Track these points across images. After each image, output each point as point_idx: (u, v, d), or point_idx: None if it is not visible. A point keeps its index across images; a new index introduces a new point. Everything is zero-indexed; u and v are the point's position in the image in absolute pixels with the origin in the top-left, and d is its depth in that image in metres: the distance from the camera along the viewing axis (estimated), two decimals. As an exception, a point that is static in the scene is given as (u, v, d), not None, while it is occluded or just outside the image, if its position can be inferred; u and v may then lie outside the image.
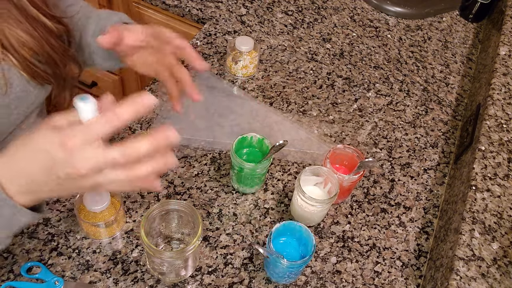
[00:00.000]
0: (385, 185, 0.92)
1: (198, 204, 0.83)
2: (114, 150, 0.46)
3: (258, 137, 0.83)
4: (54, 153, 0.45)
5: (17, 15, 0.60)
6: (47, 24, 0.63)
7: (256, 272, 0.77)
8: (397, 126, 1.02)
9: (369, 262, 0.81)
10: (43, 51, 0.64)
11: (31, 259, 0.73)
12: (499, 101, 0.92)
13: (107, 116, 0.45)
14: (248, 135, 0.83)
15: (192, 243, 0.66)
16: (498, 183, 0.79)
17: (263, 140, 0.83)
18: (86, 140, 0.45)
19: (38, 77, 0.65)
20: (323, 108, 1.02)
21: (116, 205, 0.76)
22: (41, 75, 0.65)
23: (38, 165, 0.47)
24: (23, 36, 0.61)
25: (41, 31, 0.63)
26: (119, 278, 0.73)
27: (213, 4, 1.20)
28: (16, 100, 0.65)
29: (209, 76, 1.04)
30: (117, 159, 0.46)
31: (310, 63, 1.11)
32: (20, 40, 0.61)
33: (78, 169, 0.45)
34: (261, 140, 0.83)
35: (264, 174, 0.85)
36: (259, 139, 0.84)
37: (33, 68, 0.64)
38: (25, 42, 0.61)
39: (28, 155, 0.47)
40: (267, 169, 0.84)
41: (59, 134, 0.45)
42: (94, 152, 0.45)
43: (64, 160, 0.45)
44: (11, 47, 0.60)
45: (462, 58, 1.20)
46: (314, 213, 0.79)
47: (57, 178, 0.47)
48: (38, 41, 0.62)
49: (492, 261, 0.70)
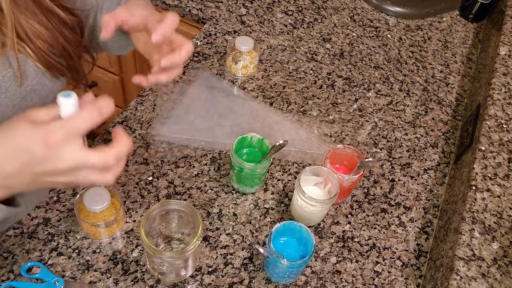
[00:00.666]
0: (385, 185, 0.92)
1: (198, 204, 0.83)
2: (94, 155, 0.46)
3: (258, 137, 0.83)
4: (34, 149, 0.45)
5: (33, 7, 0.60)
6: (61, 16, 0.64)
7: (256, 272, 0.77)
8: (397, 126, 1.02)
9: (369, 262, 0.81)
10: (57, 43, 0.64)
11: (31, 259, 0.73)
12: (499, 101, 0.92)
13: (87, 111, 0.45)
14: (248, 135, 0.83)
15: (192, 243, 0.66)
16: (498, 183, 0.79)
17: (263, 140, 0.83)
18: (67, 136, 0.45)
19: (53, 68, 0.66)
20: (323, 108, 1.02)
21: (116, 205, 0.76)
22: (56, 66, 0.66)
23: (17, 161, 0.46)
24: (38, 27, 0.61)
25: (55, 22, 0.63)
26: (119, 278, 0.73)
27: (213, 4, 1.20)
28: (32, 93, 0.66)
29: (209, 76, 1.04)
30: (96, 164, 0.46)
31: (310, 63, 1.11)
32: (35, 31, 0.61)
33: (58, 166, 0.45)
34: (261, 140, 0.83)
35: (264, 174, 0.84)
36: (259, 139, 0.83)
37: (48, 59, 0.64)
38: (40, 34, 0.61)
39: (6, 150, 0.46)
40: (267, 169, 0.84)
41: (40, 129, 0.44)
42: (75, 151, 0.45)
43: (44, 157, 0.45)
44: (27, 38, 0.61)
45: (462, 58, 1.20)
46: (314, 213, 0.79)
47: (33, 173, 0.46)
48: (52, 32, 0.63)
49: (492, 261, 0.70)
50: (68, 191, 0.82)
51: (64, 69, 0.68)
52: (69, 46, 0.66)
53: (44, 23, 0.62)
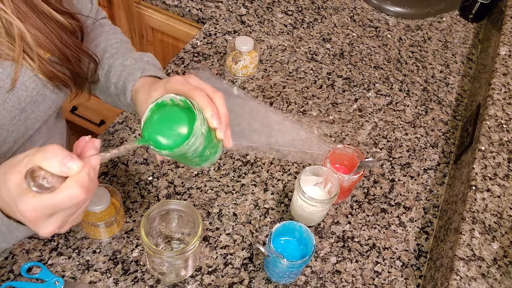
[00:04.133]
0: (385, 185, 0.92)
1: (198, 204, 0.83)
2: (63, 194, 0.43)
3: (180, 99, 0.54)
4: (18, 215, 0.45)
5: (29, 11, 0.58)
6: (59, 20, 0.62)
7: (256, 272, 0.77)
8: (397, 126, 1.02)
9: (369, 262, 0.81)
10: (55, 47, 0.62)
11: (31, 259, 0.73)
12: (499, 101, 0.92)
13: (73, 189, 0.43)
14: (166, 98, 0.55)
15: (192, 243, 0.66)
16: (498, 183, 0.79)
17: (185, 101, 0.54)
18: (46, 215, 0.44)
19: (55, 78, 0.64)
20: (323, 108, 1.02)
21: (116, 205, 0.76)
22: (58, 76, 0.64)
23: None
24: (34, 32, 0.59)
25: (53, 26, 0.61)
26: (119, 278, 0.73)
27: (213, 4, 1.20)
28: (32, 104, 0.64)
29: (209, 76, 1.04)
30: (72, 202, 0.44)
31: (310, 63, 1.11)
32: (35, 39, 0.59)
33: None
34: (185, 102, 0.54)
35: (210, 144, 0.56)
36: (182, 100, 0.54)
37: (50, 68, 0.62)
38: (38, 39, 0.59)
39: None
40: (208, 137, 0.56)
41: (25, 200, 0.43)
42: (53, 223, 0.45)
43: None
44: (27, 47, 0.59)
45: (462, 58, 1.20)
46: (314, 213, 0.79)
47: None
48: (50, 37, 0.60)
49: (492, 261, 0.70)
50: (68, 191, 0.82)
51: (67, 79, 0.65)
52: (68, 50, 0.64)
53: (40, 27, 0.60)
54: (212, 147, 0.57)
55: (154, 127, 0.53)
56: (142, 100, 0.64)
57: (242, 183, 0.87)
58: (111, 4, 1.38)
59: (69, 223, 0.48)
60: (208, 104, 0.55)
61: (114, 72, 0.72)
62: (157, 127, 0.53)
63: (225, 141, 0.59)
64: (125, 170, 0.86)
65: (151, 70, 0.71)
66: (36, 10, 0.59)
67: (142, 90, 0.66)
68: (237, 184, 0.87)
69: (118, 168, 0.86)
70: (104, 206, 0.72)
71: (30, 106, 0.64)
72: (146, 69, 0.70)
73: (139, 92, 0.66)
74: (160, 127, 0.53)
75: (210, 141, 0.56)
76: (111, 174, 0.85)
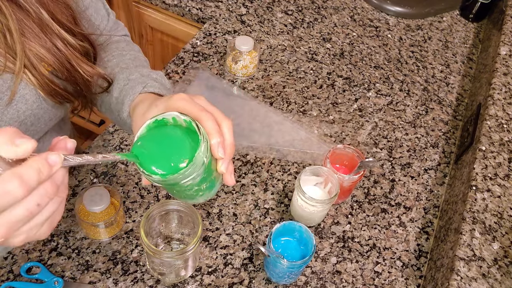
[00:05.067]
0: (386, 185, 0.92)
1: (198, 204, 0.83)
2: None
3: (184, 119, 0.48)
4: None
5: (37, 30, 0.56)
6: (69, 41, 0.59)
7: (256, 273, 0.77)
8: (398, 126, 1.02)
9: (369, 263, 0.81)
10: (63, 68, 0.59)
11: (31, 259, 0.73)
12: (500, 101, 0.92)
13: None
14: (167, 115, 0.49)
15: (192, 243, 0.66)
16: (499, 183, 0.79)
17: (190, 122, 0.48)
18: None
19: (56, 95, 0.61)
20: (323, 108, 1.02)
21: (115, 205, 0.76)
22: (60, 93, 0.61)
23: None
24: (43, 52, 0.56)
25: (62, 47, 0.58)
26: (119, 279, 0.73)
27: (213, 4, 1.20)
28: (32, 117, 0.62)
29: (209, 76, 1.04)
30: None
31: (310, 63, 1.11)
32: (39, 56, 0.56)
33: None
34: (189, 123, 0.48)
35: (209, 177, 0.50)
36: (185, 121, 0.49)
37: (52, 86, 0.59)
38: (44, 58, 0.57)
39: None
40: (209, 168, 0.49)
41: None
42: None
43: None
44: (29, 64, 0.56)
45: (462, 58, 1.20)
46: (314, 213, 0.79)
47: None
48: (58, 58, 0.58)
49: (493, 261, 0.70)
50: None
51: (69, 96, 0.63)
52: (77, 73, 0.60)
53: (49, 47, 0.57)
54: (209, 181, 0.50)
55: (147, 146, 0.47)
56: (139, 115, 0.59)
57: (242, 183, 0.87)
58: (110, 4, 1.38)
59: (24, 233, 0.38)
60: (215, 131, 0.49)
61: (117, 85, 0.67)
62: (151, 146, 0.46)
63: (226, 177, 0.52)
64: (125, 170, 0.86)
65: (155, 87, 0.64)
66: (44, 30, 0.57)
67: (141, 105, 0.60)
68: (237, 184, 0.87)
69: (118, 168, 0.86)
70: (103, 206, 0.72)
71: (29, 119, 0.62)
72: (150, 84, 0.64)
73: (138, 107, 0.60)
74: (154, 146, 0.46)
75: (210, 174, 0.49)
76: (111, 174, 0.85)
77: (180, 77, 1.03)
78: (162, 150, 0.47)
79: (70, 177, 0.84)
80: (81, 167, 0.85)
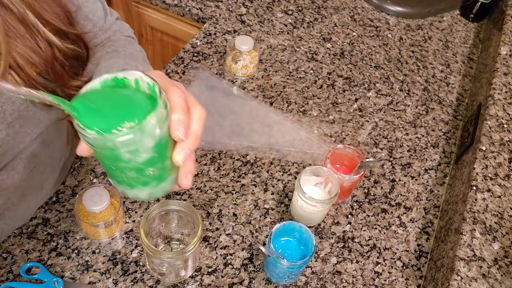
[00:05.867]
0: (386, 185, 0.91)
1: (198, 204, 0.83)
2: None
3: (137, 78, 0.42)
4: None
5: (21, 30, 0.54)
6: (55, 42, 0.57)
7: (256, 273, 0.77)
8: (398, 126, 1.02)
9: (370, 263, 0.80)
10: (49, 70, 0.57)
11: (30, 259, 0.73)
12: (500, 101, 0.91)
13: None
14: (130, 75, 0.41)
15: (192, 244, 0.66)
16: (499, 183, 0.79)
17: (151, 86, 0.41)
18: None
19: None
20: (323, 108, 1.02)
21: (115, 205, 0.76)
22: None
23: None
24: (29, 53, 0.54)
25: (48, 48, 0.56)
26: (119, 279, 0.73)
27: (213, 4, 1.20)
28: (20, 119, 0.61)
29: (208, 76, 1.04)
30: None
31: (310, 62, 1.11)
32: (25, 57, 0.54)
33: None
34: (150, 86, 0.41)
35: (159, 161, 0.42)
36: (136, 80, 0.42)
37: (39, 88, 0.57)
38: (30, 59, 0.55)
39: None
40: (165, 144, 0.41)
41: None
42: None
43: None
44: (16, 65, 0.54)
45: (463, 57, 1.20)
46: (314, 214, 0.79)
47: None
48: (45, 58, 0.56)
49: (493, 261, 0.70)
50: (67, 191, 0.82)
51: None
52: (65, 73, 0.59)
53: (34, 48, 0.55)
54: (159, 168, 0.41)
55: (95, 100, 0.39)
56: None
57: (242, 183, 0.87)
58: (110, 4, 1.38)
59: None
60: (181, 108, 0.42)
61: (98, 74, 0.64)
62: (99, 102, 0.39)
63: (181, 174, 0.43)
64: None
65: (132, 66, 0.61)
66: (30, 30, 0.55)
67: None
68: (237, 184, 0.87)
69: (117, 168, 0.86)
70: (103, 206, 0.72)
71: (17, 121, 0.61)
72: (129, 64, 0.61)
73: None
74: (102, 103, 0.38)
75: (161, 158, 0.41)
76: (110, 174, 0.85)
77: (180, 77, 1.02)
78: (111, 109, 0.38)
79: (70, 177, 0.84)
80: (81, 167, 0.85)
